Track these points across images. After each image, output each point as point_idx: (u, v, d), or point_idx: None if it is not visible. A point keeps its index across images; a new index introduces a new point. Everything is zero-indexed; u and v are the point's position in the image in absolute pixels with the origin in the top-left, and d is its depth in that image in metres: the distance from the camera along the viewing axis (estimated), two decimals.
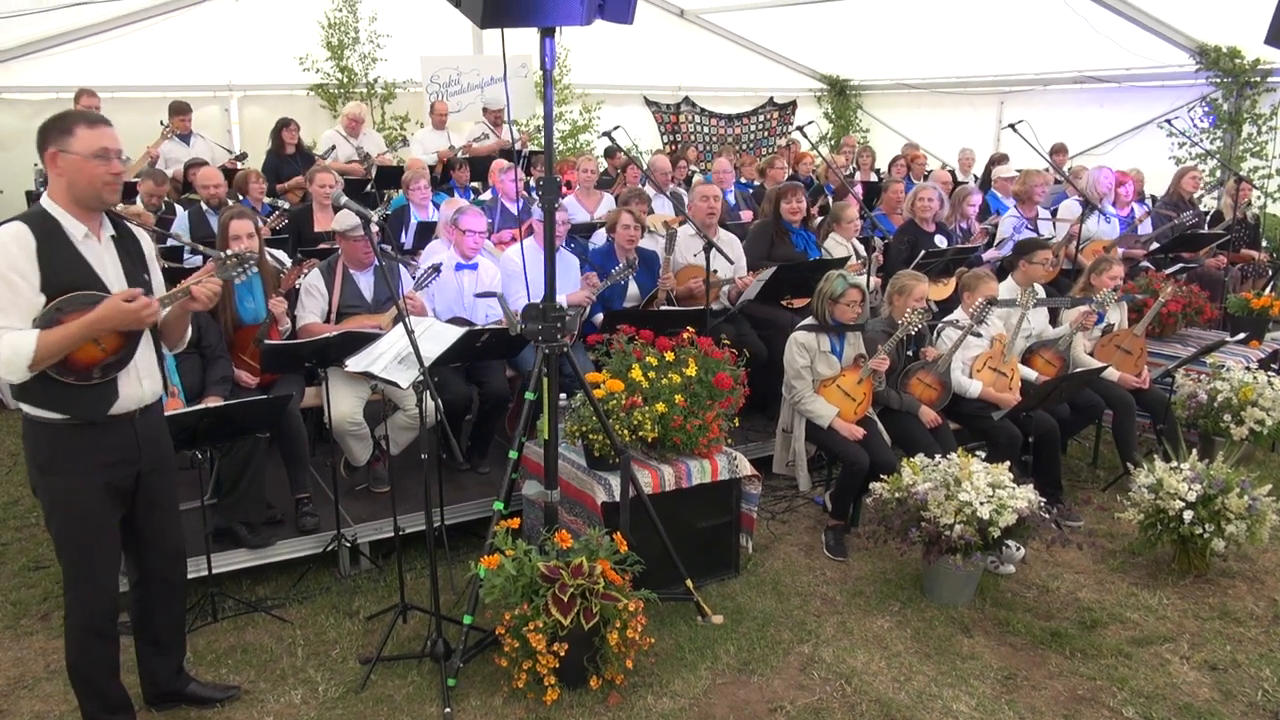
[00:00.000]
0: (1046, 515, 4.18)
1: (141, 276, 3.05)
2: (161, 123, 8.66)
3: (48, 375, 2.83)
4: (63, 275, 2.83)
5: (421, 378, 3.48)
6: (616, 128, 5.43)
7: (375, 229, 3.60)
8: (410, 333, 3.45)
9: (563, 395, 4.47)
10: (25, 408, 2.92)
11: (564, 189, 8.22)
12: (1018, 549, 4.38)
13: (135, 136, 9.00)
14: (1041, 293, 5.75)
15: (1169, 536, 4.48)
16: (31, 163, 8.88)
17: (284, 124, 9.01)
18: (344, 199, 3.48)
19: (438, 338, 3.84)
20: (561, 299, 5.24)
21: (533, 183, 7.98)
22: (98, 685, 3.18)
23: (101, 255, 2.96)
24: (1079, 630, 4.09)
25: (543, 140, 3.54)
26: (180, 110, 8.81)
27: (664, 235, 5.78)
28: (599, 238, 6.37)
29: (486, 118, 10.40)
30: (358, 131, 9.56)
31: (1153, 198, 9.22)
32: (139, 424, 3.06)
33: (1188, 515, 4.33)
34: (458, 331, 3.93)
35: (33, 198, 8.51)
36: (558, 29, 3.53)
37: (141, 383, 3.05)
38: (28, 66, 9.45)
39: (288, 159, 8.94)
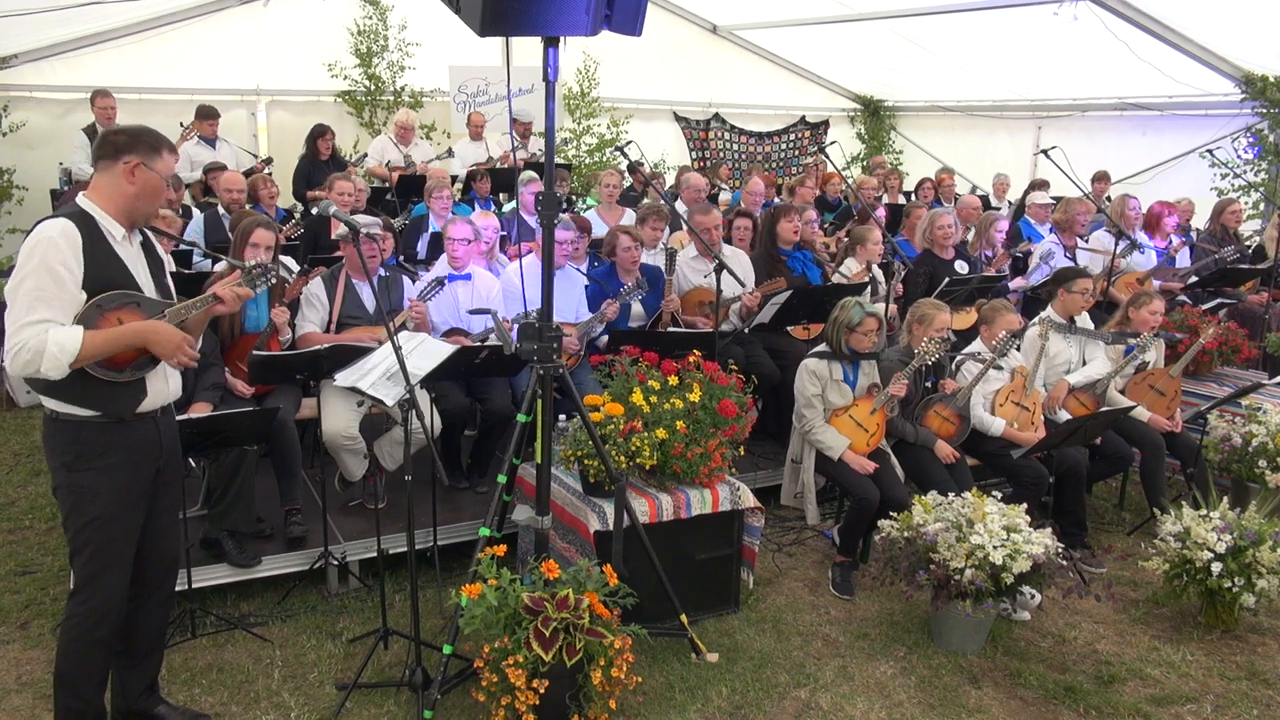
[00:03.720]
0: (1065, 562, 3.98)
1: (164, 281, 3.13)
2: (181, 124, 8.67)
3: (84, 371, 2.85)
4: (102, 273, 2.88)
5: (408, 396, 3.36)
6: (629, 142, 5.30)
7: (368, 239, 3.48)
8: (397, 349, 3.33)
9: (561, 417, 4.35)
10: (52, 404, 2.91)
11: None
12: (1033, 595, 4.16)
13: None
14: (1088, 323, 5.53)
15: (1195, 589, 4.25)
16: (57, 161, 8.96)
17: (321, 132, 9.01)
18: (333, 208, 3.38)
19: (429, 354, 3.72)
20: (567, 323, 5.13)
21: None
22: (84, 695, 3.09)
23: (135, 258, 3.03)
24: (1095, 685, 3.87)
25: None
26: (207, 115, 8.82)
27: (665, 254, 5.64)
28: None
29: (515, 129, 10.33)
30: (408, 140, 9.63)
31: (1196, 231, 8.94)
32: (160, 422, 3.10)
33: (1216, 567, 4.11)
34: (449, 348, 3.81)
35: (56, 196, 8.55)
36: (563, 39, 3.40)
37: (168, 381, 3.10)
38: (56, 66, 9.54)
39: (321, 165, 8.93)
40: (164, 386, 3.08)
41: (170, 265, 3.32)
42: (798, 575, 4.76)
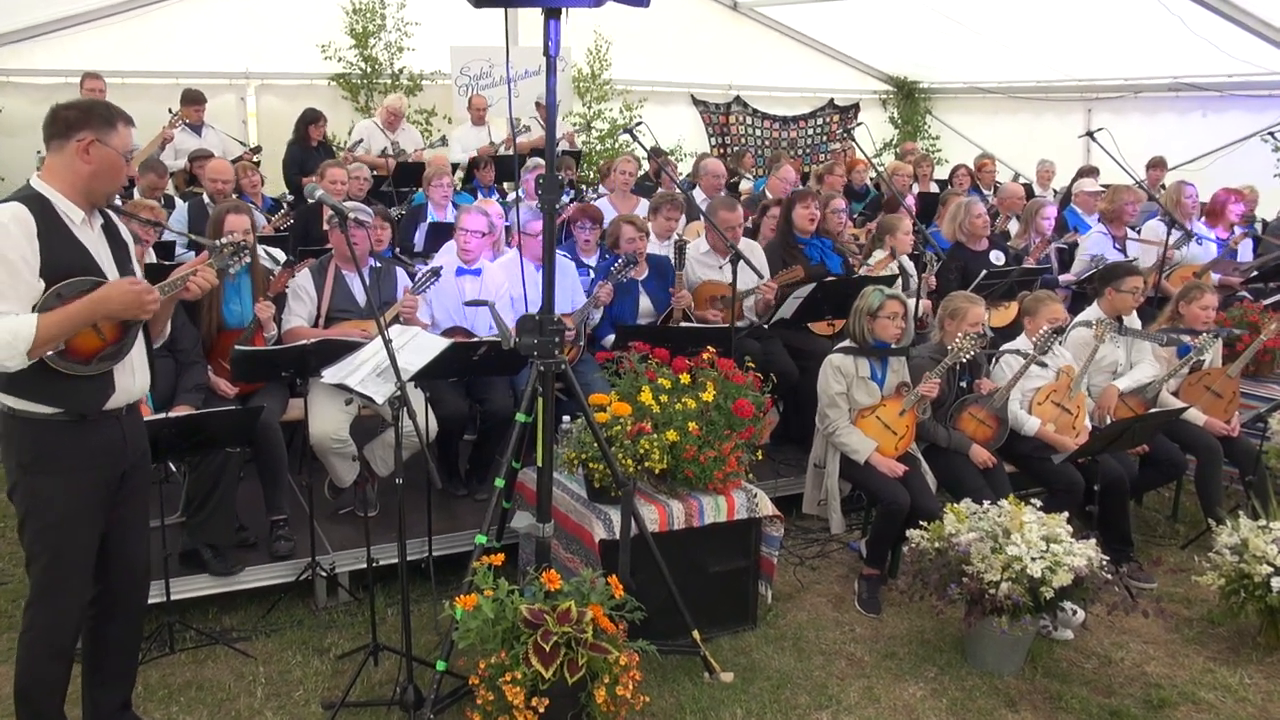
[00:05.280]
0: (1110, 576, 3.95)
1: (129, 268, 3.13)
2: (170, 110, 8.75)
3: (45, 365, 2.86)
4: (62, 260, 2.88)
5: (399, 393, 3.38)
6: (639, 123, 5.31)
7: (356, 225, 3.51)
8: (388, 343, 3.35)
9: (565, 418, 4.36)
10: (9, 401, 2.92)
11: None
12: (1075, 612, 4.14)
13: (147, 126, 9.11)
14: (1137, 323, 5.50)
15: (1254, 606, 4.21)
16: (35, 150, 9.06)
17: (313, 118, 9.07)
18: (319, 191, 3.42)
19: (422, 349, 3.74)
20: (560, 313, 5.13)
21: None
22: (46, 712, 3.13)
23: (96, 243, 3.04)
24: (1144, 710, 3.84)
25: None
26: (194, 100, 8.90)
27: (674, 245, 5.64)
28: None
29: (541, 113, 10.34)
30: (396, 126, 9.66)
31: (1263, 222, 8.83)
32: (125, 421, 3.11)
33: (1276, 582, 4.06)
34: (443, 343, 3.83)
35: None
36: (565, 11, 3.41)
37: (135, 376, 3.11)
38: (36, 50, 9.65)
39: (312, 152, 8.99)
40: (130, 381, 3.06)
41: (149, 256, 3.36)
42: (820, 590, 4.75)
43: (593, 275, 5.66)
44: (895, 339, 4.71)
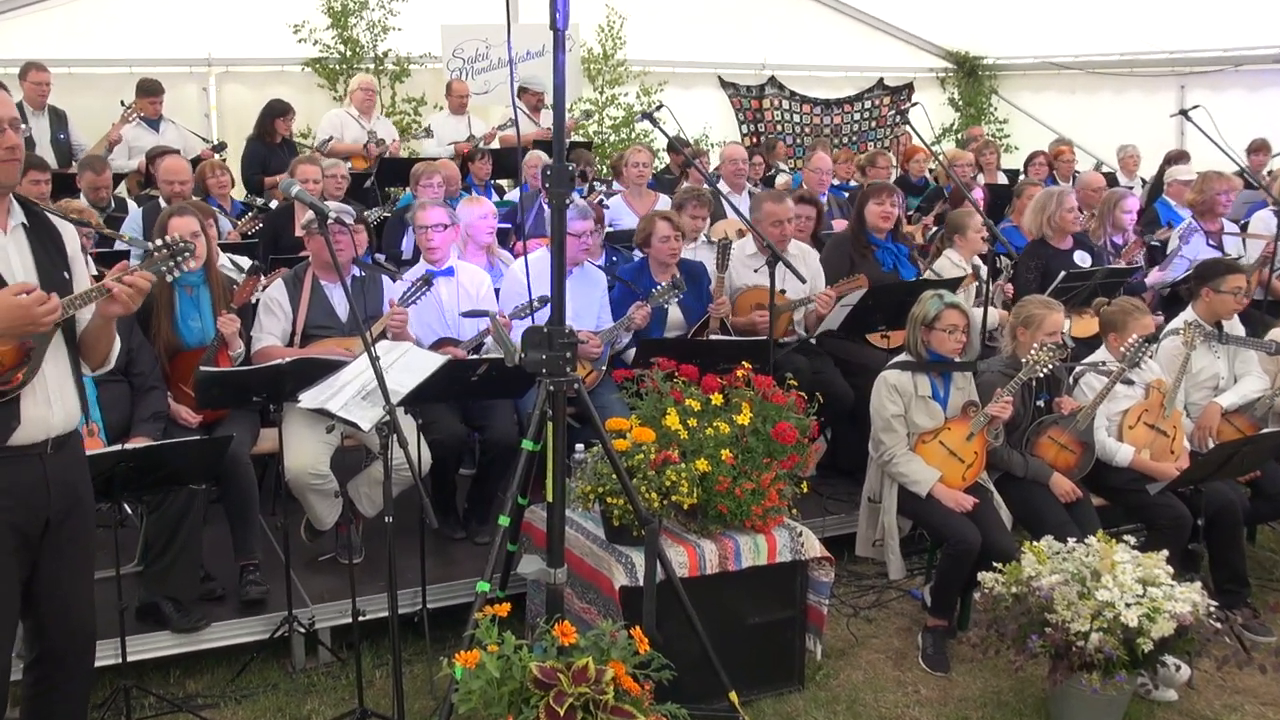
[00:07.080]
0: (1220, 624, 3.92)
1: (59, 275, 3.10)
2: (123, 103, 8.88)
3: None
4: None
5: (388, 418, 3.41)
6: (659, 107, 5.36)
7: (339, 227, 3.56)
8: (374, 361, 3.38)
9: (579, 446, 4.38)
10: None
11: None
12: (1179, 668, 4.11)
13: (97, 120, 9.25)
14: (1240, 329, 5.48)
15: None
16: None
17: (280, 111, 9.18)
18: (296, 187, 3.46)
19: (413, 368, 3.77)
20: (586, 331, 5.16)
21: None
22: None
23: (4, 247, 3.01)
24: None
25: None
26: (150, 91, 9.02)
27: (716, 246, 5.69)
28: None
29: (524, 100, 10.44)
30: (371, 108, 9.73)
31: None
32: (50, 461, 3.07)
33: None
34: (438, 360, 3.86)
35: None
36: None
37: (51, 406, 3.06)
38: None
39: (276, 149, 9.10)
40: (46, 412, 3.03)
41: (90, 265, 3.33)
42: (878, 645, 4.75)
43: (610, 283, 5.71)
44: (954, 355, 4.71)
